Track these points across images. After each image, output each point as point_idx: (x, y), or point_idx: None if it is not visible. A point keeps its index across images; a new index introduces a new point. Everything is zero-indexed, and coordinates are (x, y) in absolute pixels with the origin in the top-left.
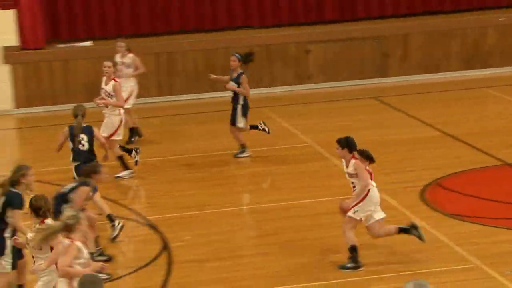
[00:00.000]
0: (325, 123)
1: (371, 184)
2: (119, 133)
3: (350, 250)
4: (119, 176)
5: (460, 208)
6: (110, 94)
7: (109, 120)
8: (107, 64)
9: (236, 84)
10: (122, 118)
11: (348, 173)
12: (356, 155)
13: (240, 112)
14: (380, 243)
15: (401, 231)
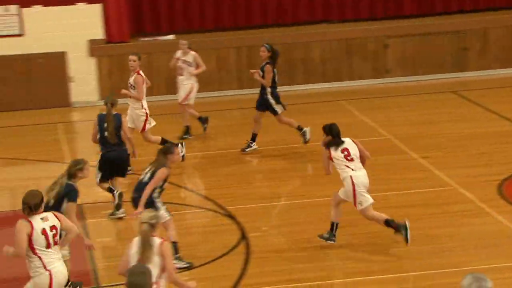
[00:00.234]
0: (404, 117)
1: (350, 171)
2: (149, 123)
3: (386, 224)
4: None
5: None
6: (132, 86)
7: (133, 113)
8: (132, 57)
9: (262, 73)
10: (147, 112)
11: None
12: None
13: (273, 101)
14: (446, 237)
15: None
